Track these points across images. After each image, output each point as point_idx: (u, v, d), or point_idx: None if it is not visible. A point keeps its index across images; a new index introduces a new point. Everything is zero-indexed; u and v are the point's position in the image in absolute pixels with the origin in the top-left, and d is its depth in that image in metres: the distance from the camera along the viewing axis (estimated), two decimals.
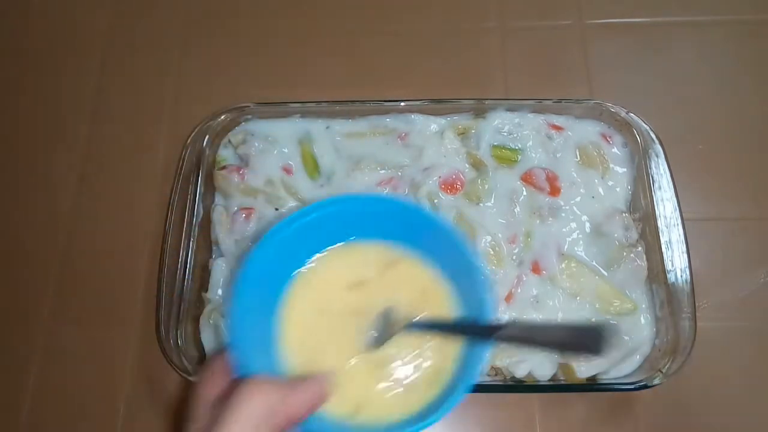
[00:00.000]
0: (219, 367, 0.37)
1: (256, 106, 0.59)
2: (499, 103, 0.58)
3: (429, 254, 0.44)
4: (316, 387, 0.35)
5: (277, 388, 0.34)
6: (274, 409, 0.33)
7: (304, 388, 0.35)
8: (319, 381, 0.36)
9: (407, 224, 0.43)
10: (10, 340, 0.57)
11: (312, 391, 0.35)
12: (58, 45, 0.70)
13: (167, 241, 0.53)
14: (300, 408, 0.34)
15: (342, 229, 0.44)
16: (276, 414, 0.33)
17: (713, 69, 0.67)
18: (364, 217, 0.43)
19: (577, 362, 0.50)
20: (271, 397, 0.33)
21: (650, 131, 0.55)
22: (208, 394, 0.36)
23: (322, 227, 0.43)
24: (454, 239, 0.41)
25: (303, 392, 0.35)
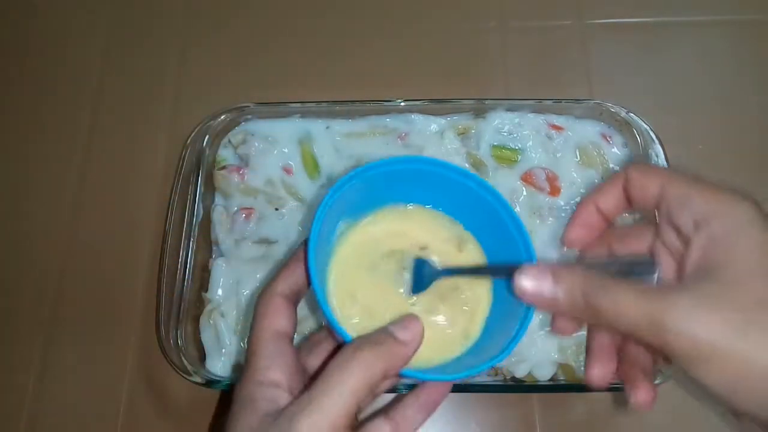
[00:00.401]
0: (281, 304, 0.36)
1: (256, 106, 0.59)
2: (499, 103, 0.58)
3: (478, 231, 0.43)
4: (409, 336, 0.33)
5: (375, 356, 0.32)
6: (375, 380, 0.31)
7: (400, 343, 0.33)
8: (412, 330, 0.33)
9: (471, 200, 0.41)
10: (10, 340, 0.57)
11: (406, 342, 0.33)
12: (58, 45, 0.70)
13: (167, 241, 0.53)
14: (400, 363, 0.33)
15: (400, 190, 0.42)
16: (377, 383, 0.32)
17: (713, 69, 0.67)
18: (423, 182, 0.42)
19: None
20: (374, 368, 0.31)
21: (650, 131, 0.55)
22: (273, 327, 0.35)
23: (388, 185, 0.41)
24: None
25: (400, 347, 0.33)
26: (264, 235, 0.55)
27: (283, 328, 0.35)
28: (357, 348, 0.32)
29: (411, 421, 0.36)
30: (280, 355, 0.34)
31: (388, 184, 0.41)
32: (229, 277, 0.54)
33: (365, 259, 0.41)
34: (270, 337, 0.35)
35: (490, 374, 0.51)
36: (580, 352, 0.51)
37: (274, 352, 0.34)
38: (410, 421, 0.36)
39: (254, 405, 0.32)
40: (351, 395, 0.30)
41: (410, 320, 0.34)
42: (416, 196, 0.43)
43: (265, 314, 0.36)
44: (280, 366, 0.34)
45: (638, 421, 0.53)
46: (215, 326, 0.53)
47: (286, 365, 0.34)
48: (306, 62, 0.68)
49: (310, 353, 0.39)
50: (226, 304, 0.53)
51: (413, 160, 0.41)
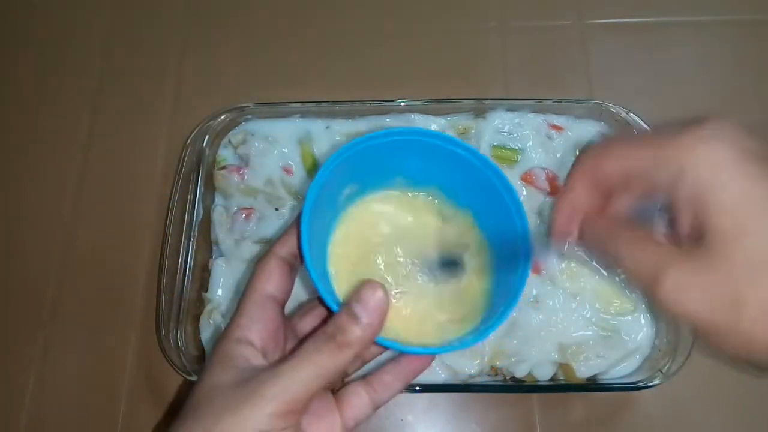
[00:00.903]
0: (276, 267, 0.37)
1: (256, 106, 0.59)
2: (499, 103, 0.58)
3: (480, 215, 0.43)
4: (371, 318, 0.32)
5: (340, 346, 0.32)
6: (343, 363, 0.32)
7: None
8: (371, 308, 0.32)
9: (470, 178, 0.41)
10: (10, 340, 0.57)
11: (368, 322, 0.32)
12: (58, 45, 0.70)
13: (167, 241, 0.53)
14: (365, 344, 0.33)
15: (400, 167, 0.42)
16: (344, 365, 0.32)
17: (713, 69, 0.67)
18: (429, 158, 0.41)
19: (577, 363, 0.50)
20: (341, 355, 0.32)
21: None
22: (262, 288, 0.36)
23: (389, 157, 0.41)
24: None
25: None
26: (264, 235, 0.55)
27: (272, 290, 0.36)
28: (330, 337, 0.32)
29: (388, 387, 0.37)
30: (261, 317, 0.35)
31: (388, 155, 0.41)
32: (229, 277, 0.54)
33: (363, 245, 0.42)
34: (256, 298, 0.36)
35: (490, 374, 0.51)
36: (580, 352, 0.51)
37: (256, 313, 0.35)
38: (388, 386, 0.37)
39: (229, 362, 0.33)
40: (317, 377, 0.31)
41: (369, 294, 0.32)
42: (413, 170, 0.43)
43: (257, 275, 0.36)
44: (258, 327, 0.35)
45: (638, 421, 0.53)
46: (215, 326, 0.53)
47: (264, 328, 0.35)
48: (306, 62, 0.68)
49: (301, 319, 0.40)
50: (226, 304, 0.53)
51: (410, 131, 0.40)
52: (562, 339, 0.51)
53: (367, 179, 0.42)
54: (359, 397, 0.37)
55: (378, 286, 0.32)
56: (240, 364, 0.33)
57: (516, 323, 0.52)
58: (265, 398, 0.30)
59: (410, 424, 0.54)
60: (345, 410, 0.36)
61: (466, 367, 0.51)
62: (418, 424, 0.54)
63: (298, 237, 0.37)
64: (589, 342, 0.51)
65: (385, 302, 0.32)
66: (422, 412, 0.54)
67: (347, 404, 0.36)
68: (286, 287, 0.37)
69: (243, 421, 0.30)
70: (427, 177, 0.43)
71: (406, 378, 0.38)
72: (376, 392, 0.37)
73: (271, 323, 0.35)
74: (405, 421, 0.54)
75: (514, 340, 0.51)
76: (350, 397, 0.37)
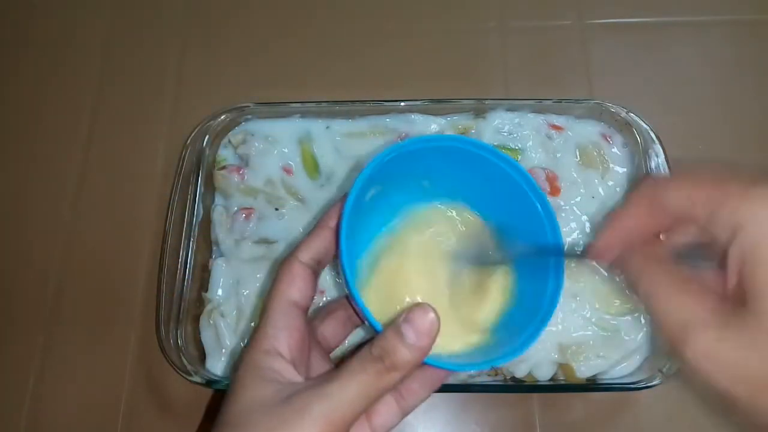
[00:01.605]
0: (299, 272, 0.36)
1: (256, 106, 0.59)
2: (499, 103, 0.58)
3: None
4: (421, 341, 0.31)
5: (389, 370, 0.31)
6: (389, 386, 0.32)
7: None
8: (421, 330, 0.31)
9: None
10: (10, 340, 0.57)
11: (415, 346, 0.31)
12: (58, 45, 0.70)
13: (167, 241, 0.53)
14: (413, 367, 0.32)
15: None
16: (391, 387, 0.32)
17: (713, 69, 0.67)
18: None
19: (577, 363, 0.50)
20: (388, 379, 0.31)
21: (650, 131, 0.55)
22: (287, 295, 0.35)
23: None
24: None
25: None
26: (264, 235, 0.55)
27: (296, 297, 0.36)
28: (377, 358, 0.31)
29: (416, 395, 0.37)
30: (287, 325, 0.35)
31: (419, 161, 0.41)
32: (229, 277, 0.54)
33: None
34: (282, 307, 0.35)
35: (490, 374, 0.51)
36: (580, 352, 0.51)
37: (282, 321, 0.35)
38: (415, 394, 0.37)
39: (261, 374, 0.33)
40: (364, 398, 0.31)
41: (421, 315, 0.31)
42: (446, 180, 0.43)
43: (281, 281, 0.36)
44: (285, 336, 0.34)
45: (638, 421, 0.53)
46: (215, 326, 0.53)
47: (291, 336, 0.34)
48: (306, 62, 0.68)
49: (323, 322, 0.40)
50: (226, 304, 0.53)
51: (448, 138, 0.41)
52: (562, 339, 0.51)
53: (394, 182, 0.42)
54: (388, 406, 0.36)
55: (429, 308, 0.31)
56: (276, 378, 0.33)
57: None
58: (312, 418, 0.30)
59: (410, 424, 0.53)
60: (374, 418, 0.36)
61: None
62: (418, 424, 0.53)
63: (336, 241, 0.36)
64: (589, 342, 0.51)
65: (436, 325, 0.31)
66: (422, 412, 0.54)
67: (376, 413, 0.36)
68: (309, 293, 0.37)
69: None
70: (458, 186, 0.43)
71: (433, 385, 0.38)
72: (404, 400, 0.37)
73: (297, 332, 0.35)
74: (405, 420, 0.53)
75: None
76: (379, 405, 0.36)
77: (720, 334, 0.25)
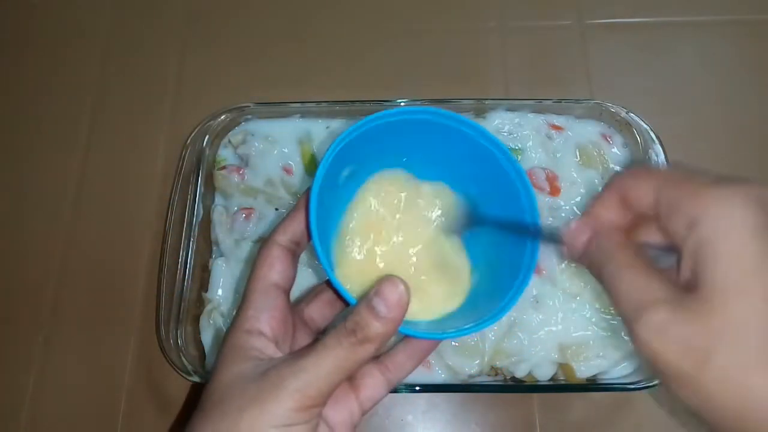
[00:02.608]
0: (278, 254, 0.37)
1: (256, 106, 0.59)
2: (499, 103, 0.58)
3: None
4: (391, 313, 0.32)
5: (362, 343, 0.32)
6: (363, 358, 0.32)
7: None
8: (391, 302, 0.32)
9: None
10: (10, 340, 0.57)
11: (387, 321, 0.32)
12: (58, 44, 0.70)
13: (167, 241, 0.53)
14: (386, 338, 0.32)
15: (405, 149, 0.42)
16: (365, 359, 0.32)
17: (713, 69, 0.67)
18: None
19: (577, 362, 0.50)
20: (362, 351, 0.32)
21: (650, 131, 0.55)
22: (267, 277, 0.36)
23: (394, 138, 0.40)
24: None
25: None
26: (264, 235, 0.55)
27: (276, 279, 0.36)
28: (350, 332, 0.32)
29: (402, 367, 0.37)
30: (269, 306, 0.35)
31: (394, 136, 0.40)
32: (229, 277, 0.54)
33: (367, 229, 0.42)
34: (262, 288, 0.36)
35: (490, 374, 0.51)
36: (580, 352, 0.51)
37: (264, 302, 0.35)
38: (401, 366, 0.37)
39: (242, 352, 0.33)
40: (338, 371, 0.31)
41: (390, 289, 0.32)
42: (420, 155, 0.42)
43: (260, 264, 0.37)
44: (267, 317, 0.35)
45: (638, 421, 0.53)
46: (215, 326, 0.53)
47: (273, 317, 0.35)
48: (306, 62, 0.68)
49: (308, 305, 0.40)
50: (226, 304, 0.54)
51: (419, 110, 0.39)
52: (562, 339, 0.51)
53: (369, 161, 0.41)
54: (374, 378, 0.37)
55: (399, 281, 0.32)
56: (256, 356, 0.33)
57: (516, 323, 0.52)
58: (287, 391, 0.30)
59: (410, 424, 0.54)
60: (361, 392, 0.36)
61: (466, 367, 0.51)
62: (418, 424, 0.54)
63: (306, 222, 0.36)
64: (589, 342, 0.51)
65: (406, 297, 0.32)
66: (422, 412, 0.54)
67: (362, 386, 0.36)
68: (289, 274, 0.37)
69: (266, 414, 0.30)
70: (433, 159, 0.42)
71: (419, 357, 0.38)
72: (390, 372, 0.37)
73: (279, 312, 0.35)
74: (405, 421, 0.54)
75: (514, 340, 0.51)
76: (365, 378, 0.37)
77: (672, 313, 0.26)
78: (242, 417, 0.30)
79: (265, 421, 0.30)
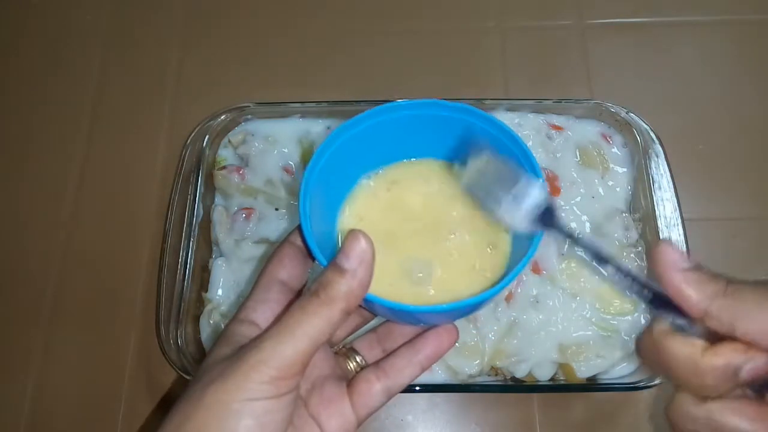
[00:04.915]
0: (289, 253, 0.37)
1: (256, 106, 0.59)
2: (499, 103, 0.58)
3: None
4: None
5: (329, 303, 0.31)
6: (334, 321, 0.31)
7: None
8: (354, 255, 0.31)
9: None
10: (10, 340, 0.57)
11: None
12: (57, 45, 0.70)
13: (167, 241, 0.53)
14: (355, 297, 0.31)
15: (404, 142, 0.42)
16: (337, 323, 0.31)
17: (713, 69, 0.67)
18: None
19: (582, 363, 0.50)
20: (330, 314, 0.31)
21: (650, 131, 0.55)
22: (273, 273, 0.36)
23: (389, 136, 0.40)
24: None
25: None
26: (264, 235, 0.55)
27: (283, 276, 0.36)
28: (313, 293, 0.31)
29: (402, 372, 0.36)
30: (267, 299, 0.35)
31: (384, 132, 0.40)
32: (229, 277, 0.54)
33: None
34: (265, 282, 0.36)
35: (490, 374, 0.51)
36: (580, 352, 0.51)
37: (264, 296, 0.35)
38: (401, 371, 0.36)
39: (229, 338, 0.33)
40: (305, 338, 0.30)
41: (352, 244, 0.31)
42: (416, 143, 0.42)
43: (271, 260, 0.37)
44: (263, 309, 0.35)
45: (638, 421, 0.53)
46: (215, 326, 0.53)
47: (270, 309, 0.35)
48: (306, 62, 0.68)
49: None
50: (226, 304, 0.53)
51: (412, 105, 0.39)
52: (562, 339, 0.51)
53: (372, 156, 0.41)
54: (369, 384, 0.36)
55: (360, 234, 0.31)
56: (238, 340, 0.33)
57: (516, 323, 0.52)
58: (249, 364, 0.29)
59: (410, 424, 0.54)
60: (355, 398, 0.35)
61: (466, 367, 0.51)
62: (418, 424, 0.54)
63: (301, 234, 0.36)
64: (589, 342, 0.51)
65: (368, 251, 0.31)
66: (422, 412, 0.54)
67: (357, 391, 0.35)
68: (296, 272, 0.37)
69: (231, 388, 0.29)
70: (435, 148, 0.42)
71: (421, 362, 0.36)
72: (388, 378, 0.36)
73: (278, 305, 0.35)
74: (405, 421, 0.54)
75: (514, 340, 0.51)
76: (360, 384, 0.36)
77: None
78: (206, 392, 0.29)
79: (230, 394, 0.29)
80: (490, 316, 0.52)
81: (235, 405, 0.29)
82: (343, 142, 0.39)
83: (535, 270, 0.53)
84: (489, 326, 0.51)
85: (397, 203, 0.42)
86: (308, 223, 0.35)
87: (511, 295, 0.52)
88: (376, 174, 0.43)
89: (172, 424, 0.30)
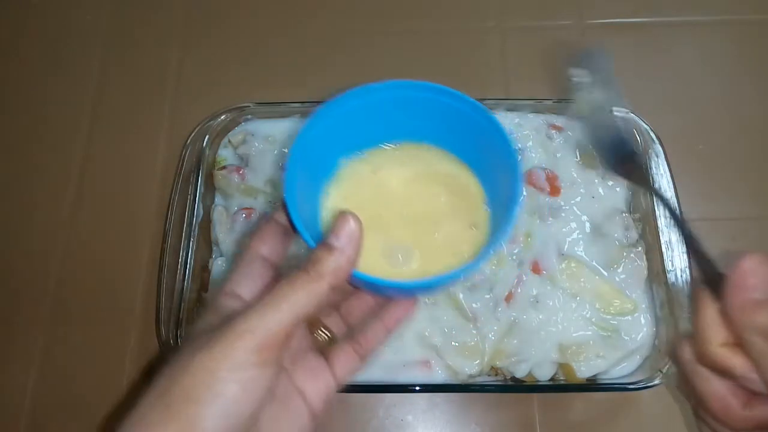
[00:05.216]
0: (272, 229, 0.38)
1: (256, 106, 0.59)
2: (499, 103, 0.58)
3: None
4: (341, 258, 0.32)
5: (317, 278, 0.32)
6: (320, 295, 0.32)
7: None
8: (343, 234, 0.32)
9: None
10: (10, 340, 0.57)
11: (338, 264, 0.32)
12: (57, 45, 0.70)
13: (167, 241, 0.53)
14: (343, 272, 0.33)
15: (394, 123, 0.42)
16: (323, 298, 0.32)
17: (713, 69, 0.67)
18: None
19: None
20: (318, 287, 0.32)
21: (650, 131, 0.55)
22: (256, 249, 0.37)
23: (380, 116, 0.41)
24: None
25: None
26: None
27: (264, 251, 0.38)
28: (303, 269, 0.32)
29: (372, 338, 0.39)
30: (251, 273, 0.37)
31: (369, 114, 0.42)
32: None
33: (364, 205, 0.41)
34: (248, 258, 0.37)
35: (490, 374, 0.51)
36: (580, 352, 0.51)
37: (246, 270, 0.37)
38: (371, 338, 0.39)
39: (214, 310, 0.35)
40: (291, 311, 0.31)
41: (341, 224, 0.33)
42: (404, 125, 0.42)
43: (253, 236, 0.38)
44: (247, 282, 0.36)
45: (638, 421, 0.53)
46: None
47: (253, 283, 0.36)
48: (306, 62, 0.68)
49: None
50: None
51: (394, 85, 0.41)
52: (562, 339, 0.51)
53: (355, 137, 0.42)
54: (346, 353, 0.39)
55: (350, 215, 0.33)
56: (227, 313, 0.34)
57: (516, 323, 0.52)
58: (236, 333, 0.30)
59: (410, 424, 0.54)
60: (335, 367, 0.38)
61: (466, 367, 0.51)
62: (418, 424, 0.54)
63: (287, 215, 0.37)
64: (589, 342, 0.51)
65: (357, 230, 0.33)
66: (422, 412, 0.54)
67: (337, 363, 0.38)
68: (278, 249, 0.38)
69: (217, 356, 0.30)
70: (414, 129, 0.43)
71: (388, 327, 0.40)
72: (361, 346, 0.39)
73: (261, 279, 0.37)
74: (405, 421, 0.54)
75: (514, 340, 0.51)
76: (338, 354, 0.38)
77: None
78: (194, 358, 0.30)
79: (217, 362, 0.30)
80: (490, 316, 0.52)
81: (222, 372, 0.30)
82: (326, 125, 0.40)
83: (535, 270, 0.53)
84: (489, 326, 0.51)
85: (381, 186, 0.42)
86: (294, 204, 0.35)
87: (511, 295, 0.52)
88: (360, 157, 0.43)
89: (160, 387, 0.30)
